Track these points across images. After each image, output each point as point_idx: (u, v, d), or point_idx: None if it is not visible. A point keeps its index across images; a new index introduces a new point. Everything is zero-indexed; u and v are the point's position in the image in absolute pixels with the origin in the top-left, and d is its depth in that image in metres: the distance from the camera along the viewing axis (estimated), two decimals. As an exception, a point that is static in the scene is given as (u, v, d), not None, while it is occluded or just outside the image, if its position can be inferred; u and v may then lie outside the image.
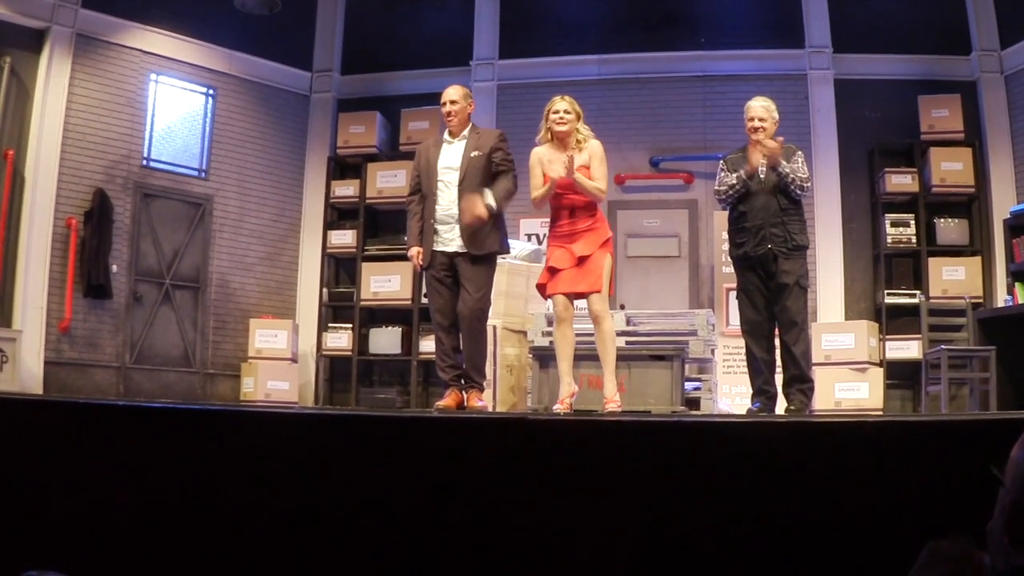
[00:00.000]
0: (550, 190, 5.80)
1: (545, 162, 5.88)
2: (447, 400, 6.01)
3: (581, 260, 5.77)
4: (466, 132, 6.19)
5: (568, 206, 5.88)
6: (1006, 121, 9.93)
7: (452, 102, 6.17)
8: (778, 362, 6.29)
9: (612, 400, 5.77)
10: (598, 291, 5.77)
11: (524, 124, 10.91)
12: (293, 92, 11.43)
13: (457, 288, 6.04)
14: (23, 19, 9.34)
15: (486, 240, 6.01)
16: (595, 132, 6.08)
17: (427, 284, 6.19)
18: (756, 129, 6.12)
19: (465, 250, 5.98)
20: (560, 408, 5.79)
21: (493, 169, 6.06)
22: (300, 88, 11.48)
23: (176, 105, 10.55)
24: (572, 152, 5.81)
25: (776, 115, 6.22)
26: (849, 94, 10.39)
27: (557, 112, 5.88)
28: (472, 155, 6.04)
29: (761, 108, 6.19)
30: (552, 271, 5.84)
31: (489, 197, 5.93)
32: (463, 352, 6.07)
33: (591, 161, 5.84)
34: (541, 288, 5.98)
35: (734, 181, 6.15)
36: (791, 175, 6.02)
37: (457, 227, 6.00)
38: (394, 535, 3.35)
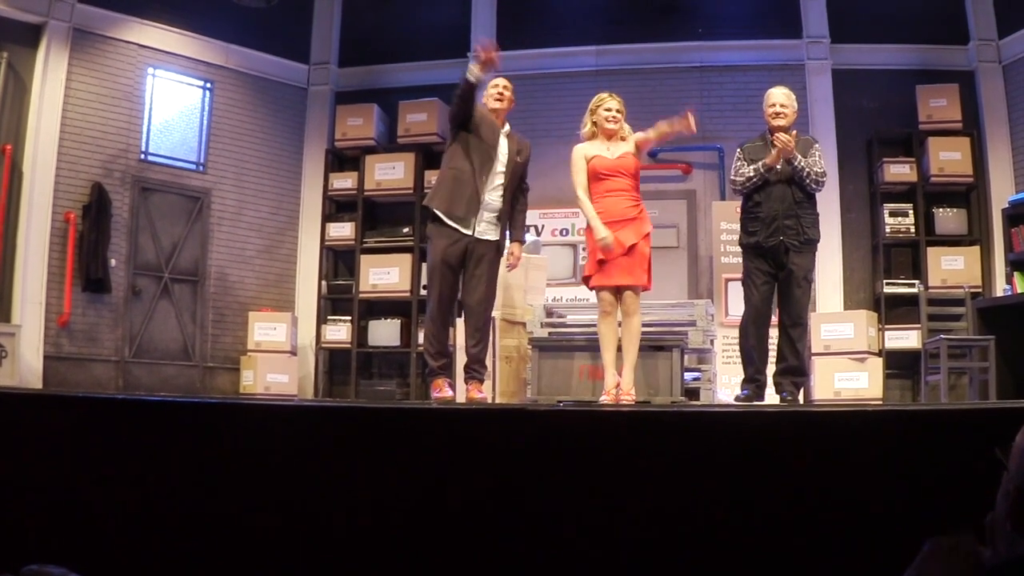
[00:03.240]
0: None
1: (589, 158, 5.95)
2: (444, 392, 5.98)
3: (629, 250, 5.77)
4: (507, 129, 6.16)
5: (616, 190, 5.90)
6: (1004, 110, 9.93)
7: (506, 87, 6.20)
8: (771, 351, 6.31)
9: (628, 393, 5.79)
10: (645, 287, 5.85)
11: (522, 115, 10.90)
12: (290, 85, 11.41)
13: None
14: (20, 14, 9.32)
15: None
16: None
17: (437, 268, 5.98)
18: (778, 115, 6.11)
19: (492, 238, 6.00)
20: (607, 399, 5.81)
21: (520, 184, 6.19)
22: (298, 81, 11.46)
23: (173, 99, 10.55)
24: (620, 145, 6.04)
25: (795, 105, 6.22)
26: (847, 84, 10.38)
27: (609, 110, 6.05)
28: (517, 160, 6.06)
29: (783, 95, 6.18)
30: (601, 263, 5.80)
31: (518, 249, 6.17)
32: (469, 343, 6.04)
33: (635, 150, 6.06)
34: (587, 280, 5.95)
35: (752, 174, 6.11)
36: (807, 169, 6.00)
37: (490, 215, 5.98)
38: (394, 526, 3.35)
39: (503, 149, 6.04)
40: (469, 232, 5.93)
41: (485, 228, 5.96)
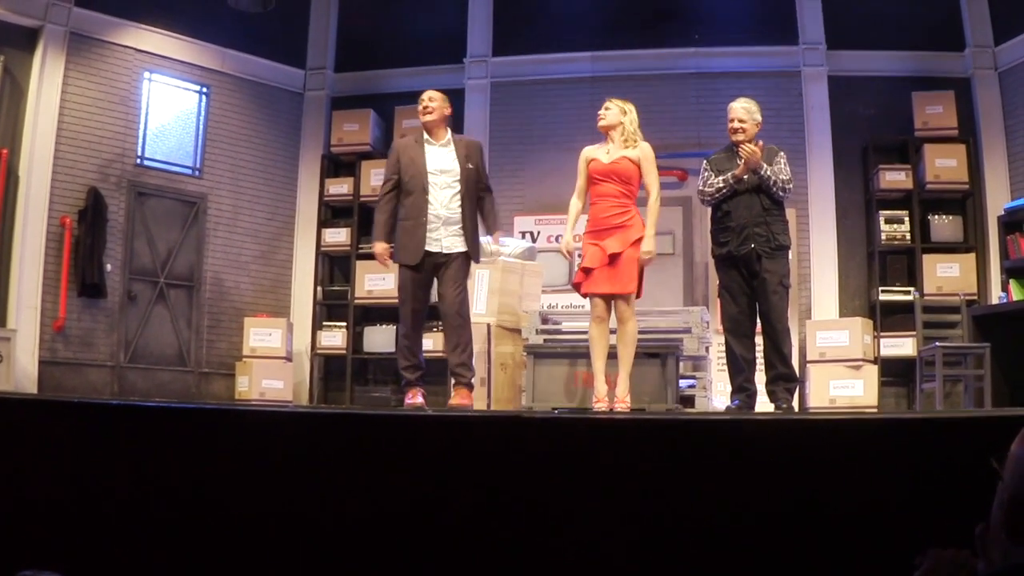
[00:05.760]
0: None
1: (589, 160, 6.01)
2: (416, 400, 6.07)
3: (612, 258, 5.81)
4: (448, 137, 6.27)
5: (606, 196, 5.96)
6: (1000, 117, 9.93)
7: (431, 99, 6.27)
8: (759, 360, 6.33)
9: (623, 401, 5.81)
10: (629, 294, 5.85)
11: (518, 121, 10.99)
12: (287, 90, 11.41)
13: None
14: (16, 18, 9.29)
15: (476, 244, 6.21)
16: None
17: (408, 284, 6.17)
18: (736, 131, 6.20)
19: (459, 250, 6.10)
20: (601, 405, 5.83)
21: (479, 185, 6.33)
22: (294, 86, 11.46)
23: (170, 103, 10.52)
24: (619, 148, 5.98)
25: (758, 117, 6.29)
26: (843, 90, 10.39)
27: (600, 109, 6.09)
28: (468, 167, 6.17)
29: (742, 110, 6.26)
30: (586, 271, 5.89)
31: (490, 244, 6.48)
32: (453, 350, 6.14)
33: (642, 164, 5.96)
34: (577, 287, 6.04)
35: (720, 184, 6.21)
36: (773, 178, 6.09)
37: (451, 228, 6.09)
38: (389, 533, 3.35)
39: (449, 160, 6.17)
40: (434, 249, 6.08)
41: (451, 243, 6.12)
